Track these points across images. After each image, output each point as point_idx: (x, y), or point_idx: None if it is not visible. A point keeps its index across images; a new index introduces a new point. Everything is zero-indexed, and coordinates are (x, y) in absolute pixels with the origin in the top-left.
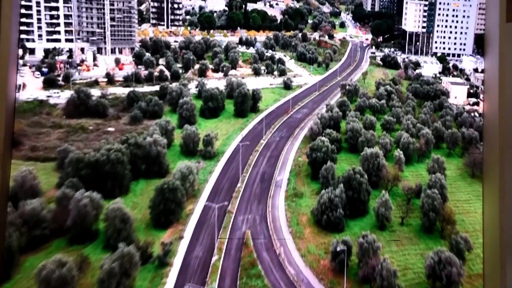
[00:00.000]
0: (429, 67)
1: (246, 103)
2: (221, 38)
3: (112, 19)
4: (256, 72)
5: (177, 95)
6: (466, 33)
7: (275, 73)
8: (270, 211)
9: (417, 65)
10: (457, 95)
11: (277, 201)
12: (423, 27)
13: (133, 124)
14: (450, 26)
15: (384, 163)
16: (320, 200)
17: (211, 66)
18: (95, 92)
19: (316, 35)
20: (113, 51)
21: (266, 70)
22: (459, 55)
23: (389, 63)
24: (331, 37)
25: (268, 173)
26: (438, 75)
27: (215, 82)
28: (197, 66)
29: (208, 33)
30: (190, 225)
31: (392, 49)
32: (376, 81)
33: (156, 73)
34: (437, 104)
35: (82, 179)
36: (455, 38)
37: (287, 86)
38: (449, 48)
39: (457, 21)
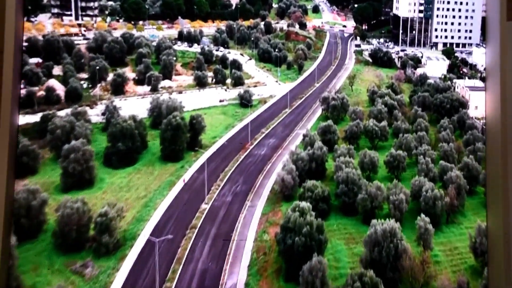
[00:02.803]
0: (435, 65)
1: (180, 139)
2: (154, 32)
3: None
4: (200, 82)
5: (64, 134)
6: (472, 17)
7: (228, 82)
8: None
9: (417, 61)
10: (479, 105)
11: None
12: (420, 11)
13: None
14: (453, 9)
15: (405, 246)
16: None
17: (133, 76)
18: None
19: (283, 24)
20: None
21: (214, 79)
22: (464, 45)
23: (380, 59)
24: (303, 26)
25: (211, 274)
26: (446, 74)
27: (137, 102)
28: (111, 77)
29: (136, 25)
30: None
31: (382, 40)
32: (368, 88)
33: (41, 93)
34: (456, 121)
35: None
36: (459, 24)
37: (245, 103)
38: (452, 37)
39: (461, 3)
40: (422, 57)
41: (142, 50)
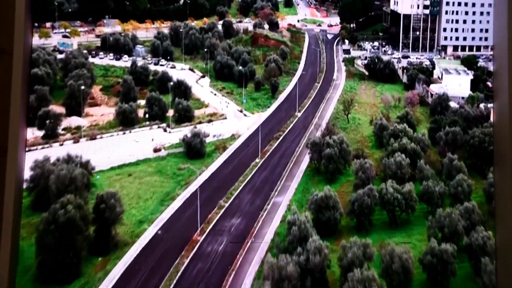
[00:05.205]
0: (454, 80)
1: (73, 246)
2: (65, 39)
3: None
4: (126, 120)
5: None
6: (488, 13)
7: (170, 114)
8: None
9: (429, 74)
10: None
11: None
12: (425, 7)
13: None
14: (465, 4)
15: None
16: None
17: None
18: None
19: (248, 23)
20: None
21: (148, 113)
22: (479, 48)
23: (380, 72)
24: (274, 26)
25: None
26: (475, 95)
27: None
28: None
29: (39, 28)
30: None
31: (376, 44)
32: (373, 121)
33: None
34: None
35: None
36: (473, 22)
37: (195, 152)
38: (465, 38)
39: None
40: (433, 67)
41: (38, 71)
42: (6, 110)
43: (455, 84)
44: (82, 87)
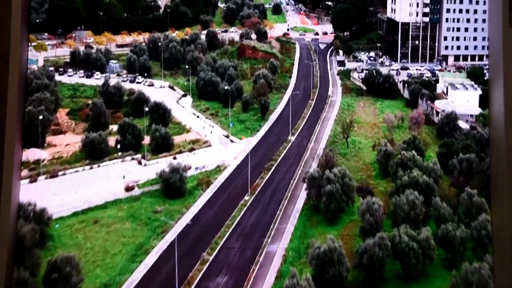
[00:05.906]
0: (461, 96)
1: None
2: (32, 53)
3: None
4: (94, 152)
5: None
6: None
7: (146, 142)
8: None
9: (433, 88)
10: None
11: None
12: (425, 15)
13: None
14: (467, 11)
15: None
16: None
17: None
18: None
19: (234, 33)
20: None
21: (120, 143)
22: (481, 58)
23: (379, 86)
24: (262, 35)
25: None
26: (481, 111)
27: None
28: None
29: None
30: None
31: (372, 54)
32: (377, 147)
33: None
34: None
35: None
36: (475, 30)
37: (174, 190)
38: (466, 47)
39: (477, 2)
40: (435, 79)
41: None
42: (2, 116)
43: (462, 100)
44: (41, 117)
